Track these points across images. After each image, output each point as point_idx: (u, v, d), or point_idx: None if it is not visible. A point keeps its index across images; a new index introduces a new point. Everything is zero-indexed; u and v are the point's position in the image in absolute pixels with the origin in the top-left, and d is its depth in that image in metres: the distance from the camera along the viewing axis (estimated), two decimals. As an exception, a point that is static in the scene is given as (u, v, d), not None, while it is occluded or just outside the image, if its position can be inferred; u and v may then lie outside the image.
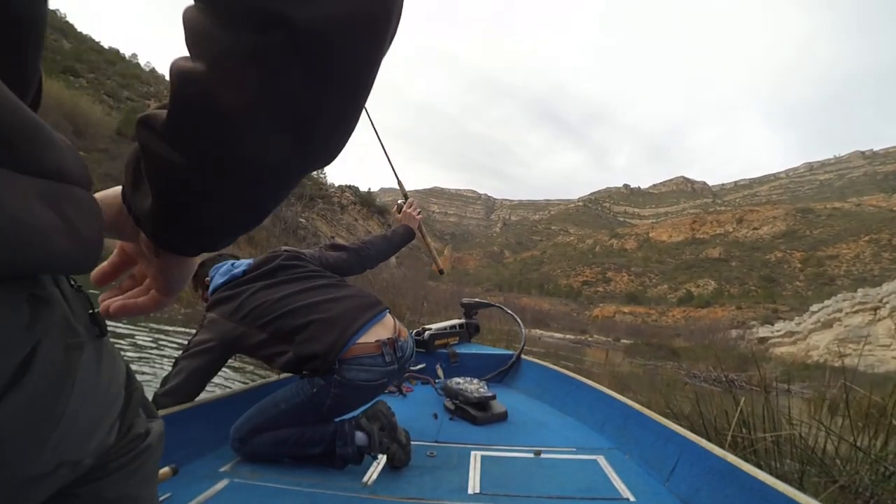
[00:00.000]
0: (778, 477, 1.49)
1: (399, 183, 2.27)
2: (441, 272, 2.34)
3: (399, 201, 2.20)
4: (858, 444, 1.52)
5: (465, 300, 3.40)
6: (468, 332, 3.21)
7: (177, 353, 1.55)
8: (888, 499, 1.30)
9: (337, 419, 1.47)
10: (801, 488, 1.41)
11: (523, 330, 3.22)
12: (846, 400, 1.73)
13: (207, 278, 1.63)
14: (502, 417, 1.99)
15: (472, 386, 2.06)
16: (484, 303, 3.55)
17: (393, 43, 0.34)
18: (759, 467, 1.54)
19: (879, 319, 22.54)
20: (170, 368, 1.48)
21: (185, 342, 1.52)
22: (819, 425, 1.62)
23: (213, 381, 3.28)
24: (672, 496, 1.25)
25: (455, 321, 3.17)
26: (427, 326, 2.97)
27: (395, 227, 2.11)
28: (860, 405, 2.02)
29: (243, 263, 1.63)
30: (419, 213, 2.16)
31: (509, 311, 3.52)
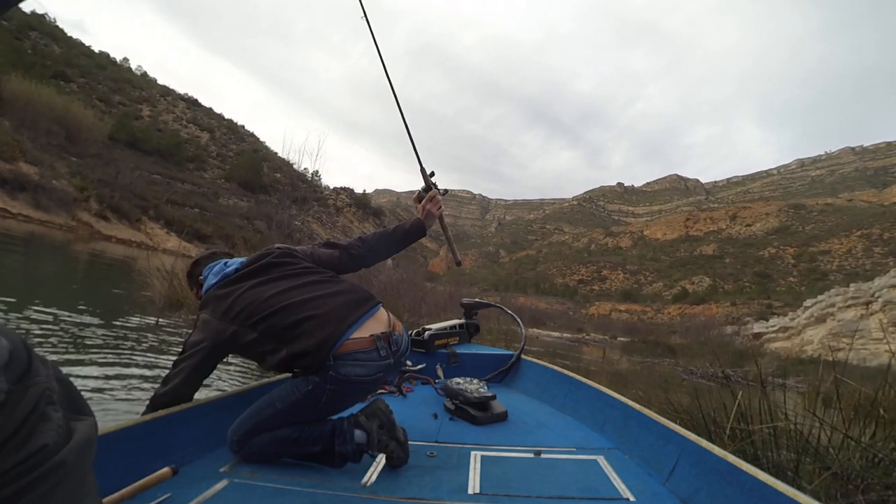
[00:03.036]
0: (775, 465, 1.54)
1: (422, 169, 2.03)
2: (458, 264, 2.25)
3: (421, 189, 1.97)
4: (850, 433, 1.57)
5: (465, 300, 3.41)
6: (468, 332, 3.23)
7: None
8: (877, 483, 1.35)
9: (334, 416, 1.46)
10: (797, 476, 1.45)
11: (523, 330, 3.23)
12: (837, 393, 1.78)
13: (201, 277, 1.62)
14: (502, 417, 2.00)
15: (472, 386, 2.07)
16: (484, 303, 3.57)
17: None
18: (757, 458, 1.59)
19: (872, 313, 22.77)
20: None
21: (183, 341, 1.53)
22: (813, 417, 1.67)
23: (214, 382, 3.30)
24: (672, 496, 1.26)
25: (455, 321, 3.18)
26: (427, 327, 2.98)
27: (400, 222, 1.94)
28: (852, 397, 2.08)
29: (235, 262, 1.62)
30: (439, 207, 1.94)
31: (509, 312, 3.54)
